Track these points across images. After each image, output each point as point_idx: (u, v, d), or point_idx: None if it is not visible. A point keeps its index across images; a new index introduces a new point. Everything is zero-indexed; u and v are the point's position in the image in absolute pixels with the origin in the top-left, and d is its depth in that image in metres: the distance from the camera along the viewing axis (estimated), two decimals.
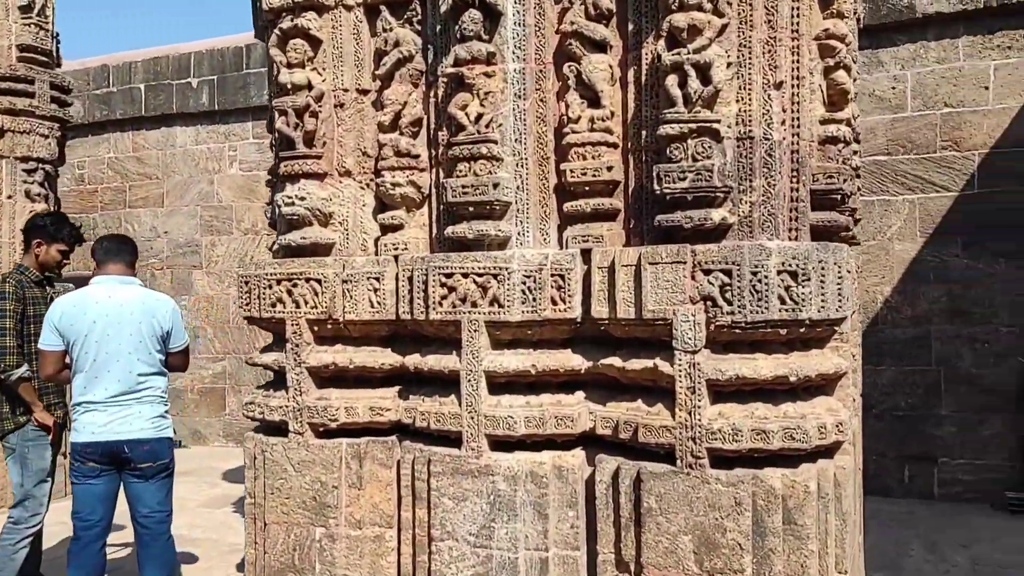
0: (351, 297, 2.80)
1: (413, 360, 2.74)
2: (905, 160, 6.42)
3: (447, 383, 2.63)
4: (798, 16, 2.39)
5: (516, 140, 2.63)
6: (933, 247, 6.34)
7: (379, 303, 2.78)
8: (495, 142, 2.61)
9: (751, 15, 2.35)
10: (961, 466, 6.10)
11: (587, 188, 2.55)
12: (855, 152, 3.99)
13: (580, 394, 2.60)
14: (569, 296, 2.52)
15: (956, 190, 6.26)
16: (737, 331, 2.29)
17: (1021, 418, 5.85)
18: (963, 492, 6.19)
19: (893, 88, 6.47)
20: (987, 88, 6.16)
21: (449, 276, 2.60)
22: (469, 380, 2.55)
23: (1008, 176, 6.11)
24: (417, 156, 2.84)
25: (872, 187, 6.51)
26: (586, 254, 2.54)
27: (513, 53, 2.64)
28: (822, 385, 2.46)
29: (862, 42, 6.52)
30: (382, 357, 2.83)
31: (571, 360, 2.56)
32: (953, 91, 6.26)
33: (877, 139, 6.50)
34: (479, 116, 2.62)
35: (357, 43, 2.95)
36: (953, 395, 6.23)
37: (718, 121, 2.34)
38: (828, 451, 2.40)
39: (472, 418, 2.54)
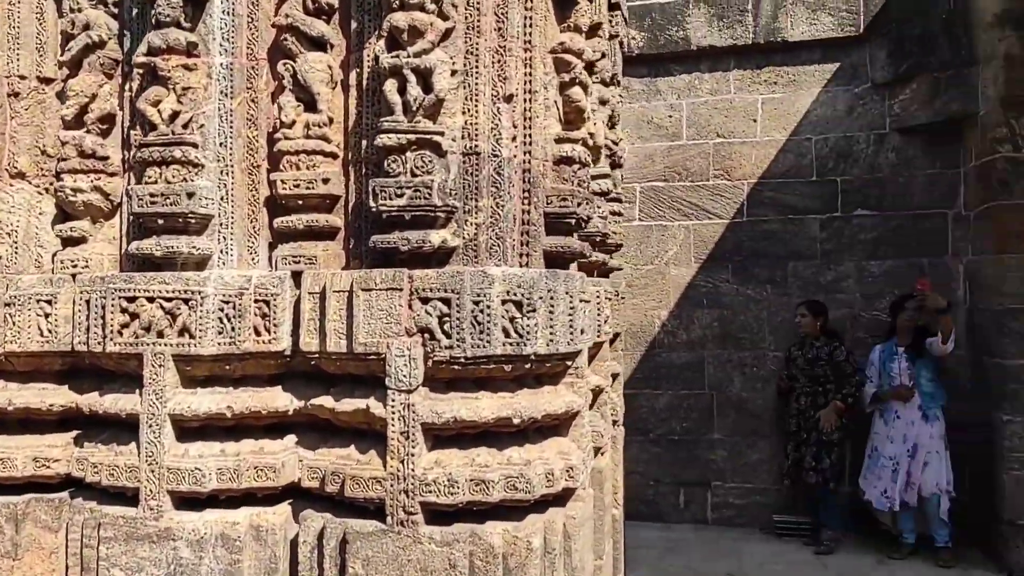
0: (15, 324, 2.32)
1: (89, 400, 2.30)
2: (681, 187, 6.61)
3: (128, 428, 2.22)
4: (531, 26, 2.21)
5: (221, 144, 2.28)
6: (706, 273, 6.55)
7: (51, 331, 2.32)
8: (194, 145, 2.24)
9: (479, 21, 2.14)
10: (732, 490, 6.30)
11: (301, 202, 2.24)
12: (612, 176, 3.92)
13: (291, 439, 2.27)
14: (275, 326, 2.19)
15: (727, 218, 6.51)
16: (457, 367, 2.06)
17: (781, 442, 6.11)
18: (735, 516, 6.39)
19: (670, 116, 6.65)
20: (755, 121, 6.46)
21: (132, 300, 2.19)
22: (150, 425, 2.15)
23: (773, 206, 6.42)
24: (106, 158, 2.41)
25: (651, 212, 6.66)
26: (298, 277, 2.22)
27: (220, 45, 2.29)
28: (555, 426, 2.28)
29: (640, 70, 6.69)
30: (52, 396, 2.36)
31: (277, 400, 2.23)
32: (725, 122, 6.51)
33: (655, 165, 6.65)
34: (175, 114, 2.24)
35: (40, 23, 2.49)
36: (724, 419, 6.44)
37: (441, 133, 2.10)
38: (559, 499, 2.21)
39: (152, 471, 2.14)
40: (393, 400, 2.04)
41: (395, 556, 2.01)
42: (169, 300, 2.17)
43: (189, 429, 2.21)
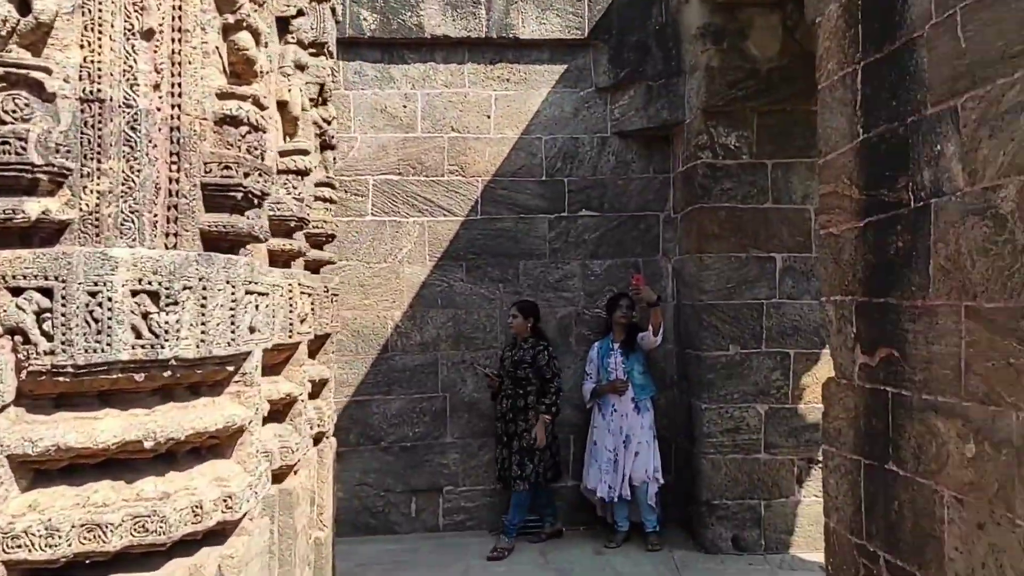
0: None
1: None
2: (416, 181, 6.32)
3: None
4: None
5: None
6: (441, 271, 6.31)
7: None
8: None
9: None
10: (464, 494, 6.10)
11: None
12: (324, 158, 3.51)
13: None
14: None
15: (462, 215, 6.32)
16: (64, 379, 1.55)
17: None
18: (466, 520, 6.20)
19: (404, 107, 6.34)
20: (489, 117, 6.32)
21: None
22: None
23: (506, 204, 6.33)
24: None
25: (385, 207, 6.31)
26: None
27: None
28: (214, 446, 1.84)
29: (374, 54, 6.30)
30: None
31: None
32: (460, 116, 6.32)
33: (390, 158, 6.31)
34: None
35: None
36: (458, 422, 6.23)
37: (46, 70, 1.59)
38: (215, 535, 1.77)
39: None
40: None
41: None
42: None
43: None
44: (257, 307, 1.93)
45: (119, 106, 1.67)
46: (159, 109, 1.74)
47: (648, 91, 6.02)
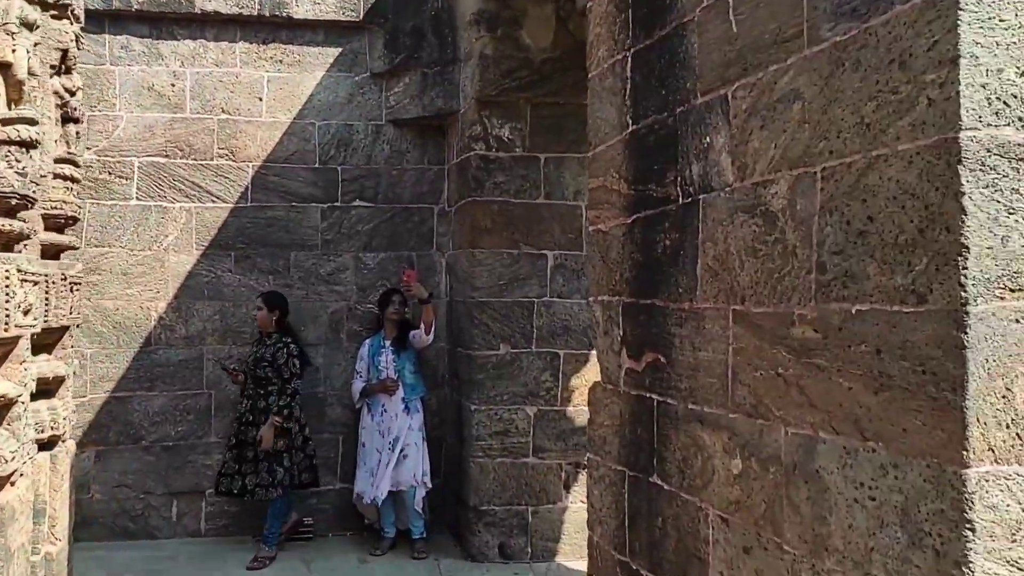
0: None
1: None
2: (184, 165, 5.31)
3: None
4: None
5: None
6: (208, 261, 5.35)
7: None
8: None
9: None
10: (226, 498, 5.17)
11: None
12: (65, 132, 2.75)
13: None
14: None
15: (232, 202, 5.39)
16: None
17: None
18: (229, 525, 5.33)
19: (173, 86, 5.32)
20: (261, 99, 5.44)
21: None
22: None
23: (278, 192, 5.49)
24: None
25: (150, 192, 5.26)
26: None
27: None
28: None
29: (142, 29, 5.25)
30: None
31: None
32: (230, 97, 5.38)
33: (156, 139, 5.28)
34: None
35: None
36: (222, 421, 5.34)
37: None
38: None
39: None
40: None
41: None
42: None
43: None
44: None
45: None
46: None
47: (424, 78, 5.37)
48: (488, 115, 4.91)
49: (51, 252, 3.27)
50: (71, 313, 3.37)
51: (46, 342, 3.17)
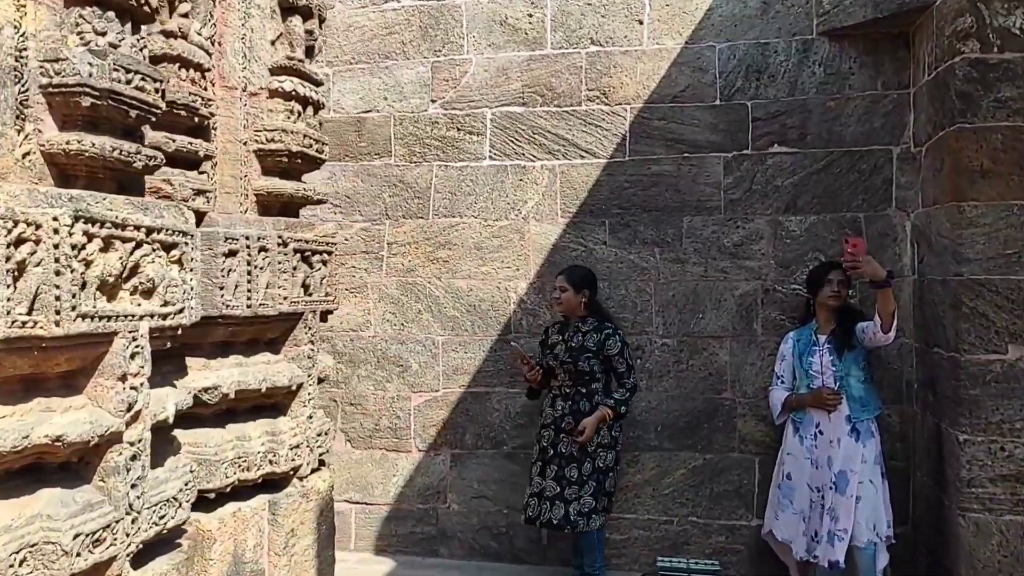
0: None
1: None
2: (545, 114, 4.57)
3: None
4: None
5: None
6: (577, 231, 4.62)
7: None
8: None
9: None
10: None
11: None
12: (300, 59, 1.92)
13: None
14: None
15: (604, 156, 4.58)
16: None
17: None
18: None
19: (530, 16, 4.61)
20: (641, 22, 4.50)
21: None
22: None
23: (664, 140, 4.47)
24: None
25: (505, 149, 4.61)
26: None
27: None
28: None
29: None
30: None
31: None
32: (601, 23, 4.51)
33: (511, 84, 4.61)
34: None
35: None
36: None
37: None
38: None
39: None
40: None
41: None
42: None
43: None
44: None
45: None
46: None
47: None
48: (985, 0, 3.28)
49: (274, 206, 2.57)
50: (308, 294, 2.61)
51: (269, 336, 2.44)
